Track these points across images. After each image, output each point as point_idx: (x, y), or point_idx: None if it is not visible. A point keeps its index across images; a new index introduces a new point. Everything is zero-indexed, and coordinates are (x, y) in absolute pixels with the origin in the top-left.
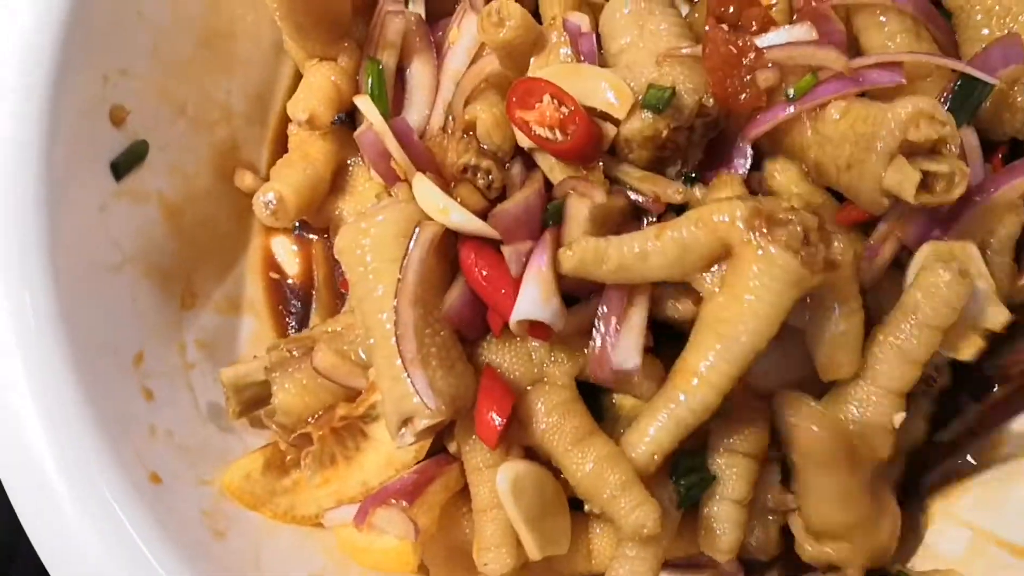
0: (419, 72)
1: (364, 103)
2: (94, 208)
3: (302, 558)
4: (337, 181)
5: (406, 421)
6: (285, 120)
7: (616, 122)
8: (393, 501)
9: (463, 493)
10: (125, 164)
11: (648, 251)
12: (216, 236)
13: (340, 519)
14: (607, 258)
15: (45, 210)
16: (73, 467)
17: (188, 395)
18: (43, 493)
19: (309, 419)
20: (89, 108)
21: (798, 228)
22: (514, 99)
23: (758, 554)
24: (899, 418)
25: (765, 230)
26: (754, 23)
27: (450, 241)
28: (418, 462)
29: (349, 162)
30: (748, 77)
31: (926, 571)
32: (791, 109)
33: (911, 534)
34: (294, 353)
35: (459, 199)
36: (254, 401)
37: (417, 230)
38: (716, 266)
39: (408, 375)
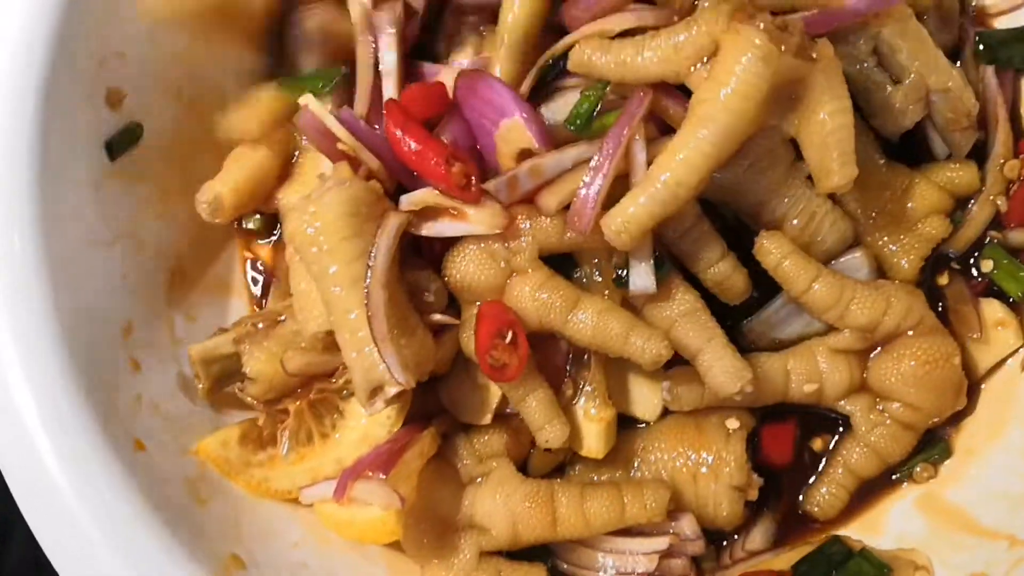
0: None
1: (307, 97)
2: (88, 185)
3: (282, 527)
4: (285, 169)
5: (375, 391)
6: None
7: None
8: (370, 473)
9: (438, 460)
10: (119, 145)
11: (644, 49)
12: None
13: (319, 495)
14: (610, 51)
15: (39, 185)
16: (59, 430)
17: (174, 368)
18: (31, 457)
19: (284, 393)
20: (85, 90)
21: (774, 20)
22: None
23: (725, 526)
24: None
25: (741, 18)
26: None
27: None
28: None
29: (296, 152)
30: None
31: (889, 550)
32: None
33: (873, 516)
34: (259, 326)
35: None
36: (223, 375)
37: (386, 220)
38: (705, 59)
39: (380, 352)
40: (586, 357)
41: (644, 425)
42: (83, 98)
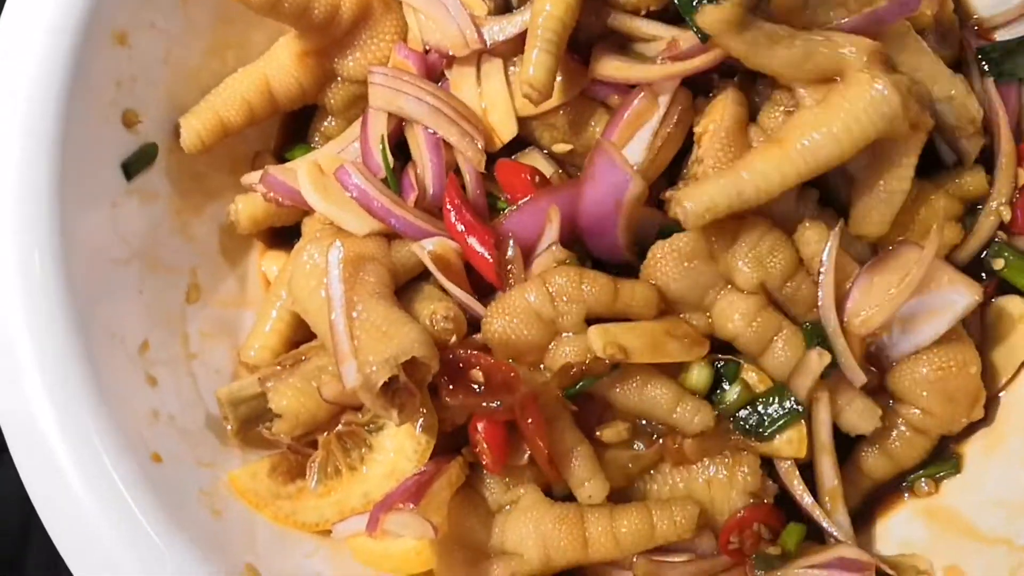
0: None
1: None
2: (106, 204)
3: (296, 538)
4: None
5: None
6: (290, 116)
7: None
8: (400, 505)
9: (466, 490)
10: (136, 165)
11: (778, 40)
12: (222, 234)
13: (351, 530)
14: (746, 26)
15: (58, 205)
16: (80, 444)
17: (190, 382)
18: (51, 469)
19: (312, 428)
20: (103, 111)
21: (908, 80)
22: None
23: None
24: None
25: (882, 67)
26: None
27: None
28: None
29: None
30: None
31: (891, 556)
32: None
33: (873, 520)
34: (285, 366)
35: None
36: (251, 416)
37: (330, 254)
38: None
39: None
40: None
41: None
42: (100, 120)
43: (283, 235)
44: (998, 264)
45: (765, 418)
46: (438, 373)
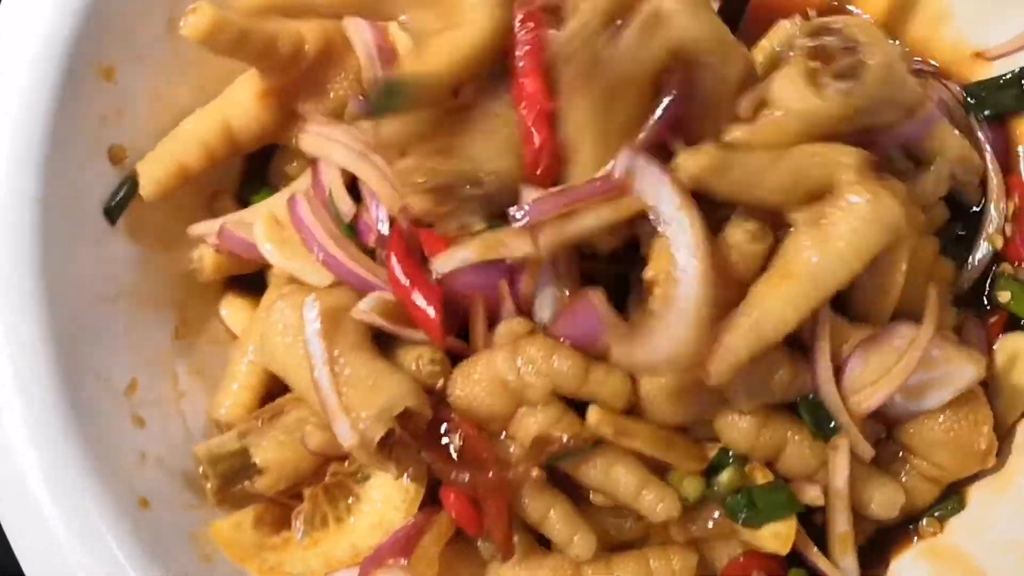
0: None
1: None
2: (91, 242)
3: None
4: None
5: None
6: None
7: None
8: (391, 561)
9: (457, 541)
10: (118, 207)
11: (765, 171)
12: None
13: None
14: (729, 168)
15: (42, 242)
16: (63, 492)
17: (179, 422)
18: (34, 517)
19: (295, 481)
20: (87, 146)
21: (901, 186)
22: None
23: None
24: None
25: (875, 177)
26: None
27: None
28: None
29: None
30: None
31: None
32: None
33: (880, 563)
34: (263, 420)
35: None
36: (231, 473)
37: (305, 311)
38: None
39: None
40: None
41: None
42: (85, 153)
43: (244, 280)
44: (1004, 297)
45: (760, 508)
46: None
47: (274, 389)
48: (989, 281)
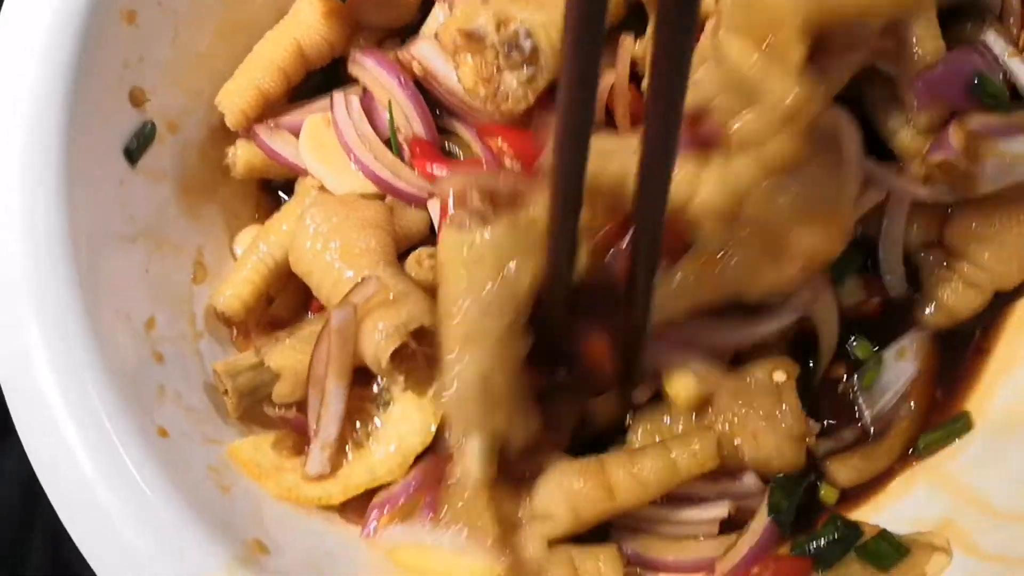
0: None
1: None
2: (113, 182)
3: (301, 517)
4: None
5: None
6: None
7: None
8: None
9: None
10: (139, 148)
11: None
12: (228, 216)
13: (392, 541)
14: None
15: (64, 182)
16: (86, 419)
17: (196, 361)
18: (58, 444)
19: None
20: (109, 89)
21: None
22: None
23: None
24: None
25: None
26: None
27: None
28: (425, 447)
29: None
30: None
31: (907, 534)
32: None
33: (888, 501)
34: (281, 338)
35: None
36: (250, 387)
37: (331, 321)
38: None
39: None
40: None
41: None
42: (107, 97)
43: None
44: None
45: None
46: None
47: (276, 290)
48: None
